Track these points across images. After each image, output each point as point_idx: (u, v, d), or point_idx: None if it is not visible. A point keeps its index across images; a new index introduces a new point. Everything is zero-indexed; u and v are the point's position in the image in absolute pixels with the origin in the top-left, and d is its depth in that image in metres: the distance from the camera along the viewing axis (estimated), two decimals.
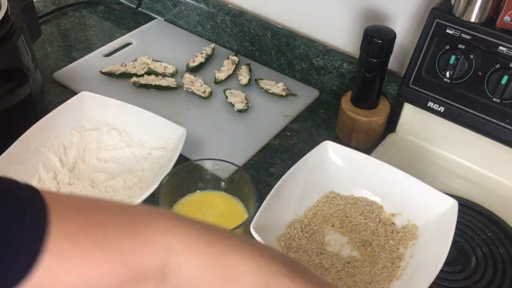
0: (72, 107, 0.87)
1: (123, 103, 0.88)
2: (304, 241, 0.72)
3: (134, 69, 1.03)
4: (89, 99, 0.88)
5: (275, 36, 1.04)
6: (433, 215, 0.71)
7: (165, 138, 0.85)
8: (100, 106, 0.88)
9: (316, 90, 1.03)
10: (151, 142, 0.86)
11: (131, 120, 0.87)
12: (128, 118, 0.87)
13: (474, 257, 0.73)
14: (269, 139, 0.93)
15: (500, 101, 0.75)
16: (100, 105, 0.88)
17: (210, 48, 1.10)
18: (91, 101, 0.88)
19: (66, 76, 1.03)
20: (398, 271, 0.69)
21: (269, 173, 0.87)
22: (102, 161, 0.85)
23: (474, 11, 0.73)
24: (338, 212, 0.76)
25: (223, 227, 0.46)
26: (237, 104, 0.97)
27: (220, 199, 0.79)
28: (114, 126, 0.87)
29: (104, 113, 0.88)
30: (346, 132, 0.91)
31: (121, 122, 0.88)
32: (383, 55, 0.83)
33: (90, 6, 1.27)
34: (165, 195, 0.75)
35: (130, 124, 0.87)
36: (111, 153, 0.86)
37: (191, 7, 1.15)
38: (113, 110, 0.88)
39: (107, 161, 0.85)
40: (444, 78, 0.78)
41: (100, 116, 0.88)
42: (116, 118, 0.88)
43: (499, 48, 0.72)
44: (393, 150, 0.89)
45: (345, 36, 0.98)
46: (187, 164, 0.79)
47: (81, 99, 0.88)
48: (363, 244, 0.73)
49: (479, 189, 0.83)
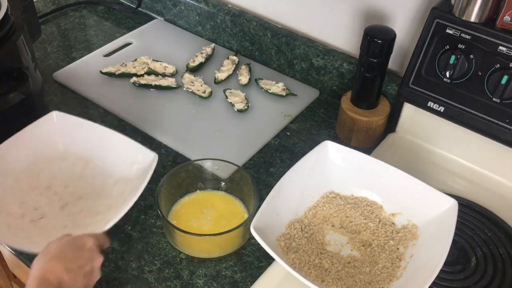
0: (42, 127, 0.81)
1: (93, 124, 0.82)
2: (304, 241, 0.72)
3: (134, 69, 1.03)
4: (59, 119, 0.82)
5: (275, 36, 1.04)
6: (433, 215, 0.71)
7: (135, 163, 0.79)
8: (69, 128, 0.82)
9: (316, 90, 1.03)
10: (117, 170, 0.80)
11: (99, 145, 0.82)
12: (97, 143, 0.82)
13: (474, 257, 0.73)
14: (269, 139, 0.93)
15: (500, 101, 0.75)
16: (70, 127, 0.82)
17: (210, 48, 1.10)
18: (61, 122, 0.82)
19: (66, 76, 1.03)
20: (398, 271, 0.69)
21: (269, 173, 0.87)
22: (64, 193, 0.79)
23: (474, 11, 0.73)
24: (338, 212, 0.76)
25: None
26: (237, 104, 0.97)
27: (220, 199, 0.80)
28: (80, 157, 0.82)
29: (73, 136, 0.82)
30: (346, 132, 0.91)
31: (89, 147, 0.82)
32: (383, 55, 0.83)
33: (90, 6, 1.27)
34: (165, 195, 0.75)
35: (97, 150, 0.82)
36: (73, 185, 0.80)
37: (191, 7, 1.15)
38: (82, 133, 0.82)
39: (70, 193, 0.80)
40: (444, 78, 0.78)
41: (68, 141, 0.82)
42: (84, 143, 0.82)
43: (499, 48, 0.72)
44: (393, 150, 0.89)
45: (345, 36, 0.98)
46: (187, 164, 0.79)
47: (51, 120, 0.82)
48: (363, 244, 0.73)
49: (479, 189, 0.83)
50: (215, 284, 0.71)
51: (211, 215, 0.77)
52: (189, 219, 0.76)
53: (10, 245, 0.70)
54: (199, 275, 0.72)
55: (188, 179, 0.79)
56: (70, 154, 0.83)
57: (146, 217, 0.79)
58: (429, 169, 0.86)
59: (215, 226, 0.74)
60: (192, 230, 0.71)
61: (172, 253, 0.74)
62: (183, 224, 0.74)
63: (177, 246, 0.74)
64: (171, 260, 0.73)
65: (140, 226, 0.77)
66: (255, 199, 0.73)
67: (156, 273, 0.71)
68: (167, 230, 0.74)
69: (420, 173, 0.79)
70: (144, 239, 0.76)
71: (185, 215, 0.76)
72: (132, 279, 0.71)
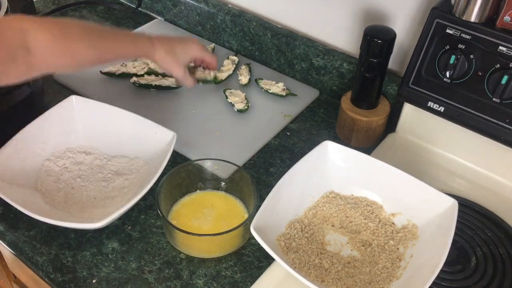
0: (61, 110, 0.85)
1: (112, 107, 0.86)
2: (304, 241, 0.72)
3: (134, 69, 1.03)
4: (78, 103, 0.86)
5: (275, 36, 1.04)
6: (433, 215, 0.71)
7: (154, 143, 0.83)
8: (90, 111, 0.86)
9: (316, 90, 1.03)
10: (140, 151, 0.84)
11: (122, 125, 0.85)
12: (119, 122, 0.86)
13: (474, 257, 0.73)
14: (269, 139, 0.93)
15: (500, 101, 0.75)
16: (90, 110, 0.86)
17: (210, 48, 1.10)
18: (81, 106, 0.86)
19: (66, 76, 1.03)
20: (398, 271, 0.69)
21: (269, 173, 0.87)
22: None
23: (474, 11, 0.73)
24: (338, 212, 0.76)
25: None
26: (237, 104, 0.97)
27: (220, 199, 0.80)
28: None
29: (93, 118, 0.86)
30: (346, 132, 0.91)
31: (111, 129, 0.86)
32: (383, 55, 0.83)
33: (90, 6, 1.27)
34: (165, 195, 0.75)
35: (120, 130, 0.85)
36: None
37: (191, 7, 1.15)
38: (104, 115, 0.86)
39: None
40: (444, 78, 0.78)
41: (89, 123, 0.86)
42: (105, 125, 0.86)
43: (499, 48, 0.72)
44: (393, 150, 0.89)
45: (345, 36, 0.98)
46: (187, 164, 0.79)
47: (70, 103, 0.86)
48: (363, 244, 0.73)
49: (479, 189, 0.83)
50: (215, 284, 0.71)
51: (211, 215, 0.77)
52: (189, 219, 0.76)
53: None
54: (199, 275, 0.72)
55: (188, 179, 0.79)
56: (90, 138, 0.87)
57: (146, 217, 0.79)
58: (429, 169, 0.86)
59: (215, 226, 0.74)
60: (192, 230, 0.71)
61: (172, 253, 0.74)
62: (183, 224, 0.74)
63: (177, 246, 0.74)
64: (171, 260, 0.73)
65: (140, 226, 0.77)
66: (255, 199, 0.73)
67: (156, 273, 0.71)
68: (167, 230, 0.74)
69: (420, 173, 0.79)
70: (144, 239, 0.76)
71: (185, 215, 0.76)
72: (132, 279, 0.71)
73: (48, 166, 0.82)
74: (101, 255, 0.73)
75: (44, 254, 0.73)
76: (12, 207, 0.72)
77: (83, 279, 0.70)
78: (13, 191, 0.74)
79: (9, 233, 0.76)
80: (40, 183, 0.79)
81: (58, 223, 0.70)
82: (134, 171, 0.82)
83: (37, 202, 0.76)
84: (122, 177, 0.81)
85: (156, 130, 0.83)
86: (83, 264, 0.72)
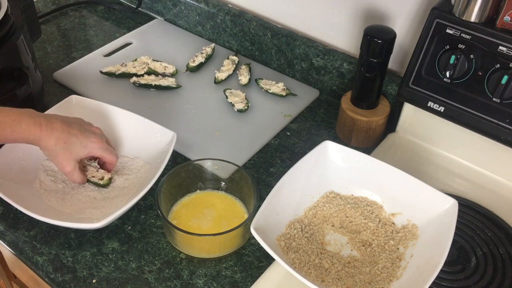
0: (61, 110, 0.84)
1: (112, 107, 0.86)
2: (304, 241, 0.72)
3: (134, 69, 1.03)
4: (78, 103, 0.87)
5: (275, 36, 1.04)
6: (433, 215, 0.71)
7: (154, 142, 0.83)
8: (90, 111, 0.86)
9: (316, 90, 1.03)
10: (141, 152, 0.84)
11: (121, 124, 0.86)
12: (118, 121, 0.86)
13: (474, 257, 0.73)
14: (269, 139, 0.93)
15: (500, 101, 0.75)
16: (90, 110, 0.86)
17: (210, 48, 1.10)
18: (81, 106, 0.86)
19: (66, 76, 1.03)
20: (398, 271, 0.69)
21: (269, 173, 0.87)
22: None
23: (474, 11, 0.73)
24: (338, 212, 0.76)
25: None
26: (237, 104, 0.97)
27: (220, 199, 0.80)
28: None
29: (93, 118, 0.85)
30: (346, 132, 0.91)
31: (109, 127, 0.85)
32: (383, 55, 0.83)
33: (90, 6, 1.27)
34: (165, 195, 0.75)
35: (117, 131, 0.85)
36: None
37: (191, 7, 1.15)
38: (103, 115, 0.86)
39: None
40: (444, 78, 0.78)
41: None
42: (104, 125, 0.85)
43: (499, 48, 0.72)
44: (393, 150, 0.89)
45: (345, 36, 0.98)
46: (187, 164, 0.79)
47: (70, 103, 0.86)
48: (363, 244, 0.73)
49: (479, 189, 0.83)
50: (215, 284, 0.71)
51: (211, 215, 0.77)
52: (189, 219, 0.76)
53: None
54: (199, 275, 0.72)
55: (188, 179, 0.79)
56: None
57: (146, 217, 0.79)
58: (429, 169, 0.86)
59: (215, 226, 0.75)
60: (192, 230, 0.71)
61: (172, 253, 0.74)
62: (183, 224, 0.74)
63: (177, 246, 0.74)
64: (171, 260, 0.73)
65: (140, 226, 0.77)
66: (255, 199, 0.73)
67: (156, 273, 0.71)
68: (167, 230, 0.74)
69: (420, 173, 0.79)
70: (144, 239, 0.76)
71: (185, 215, 0.76)
72: (132, 279, 0.71)
73: (48, 166, 0.82)
74: (101, 255, 0.73)
75: (44, 254, 0.73)
76: (12, 207, 0.72)
77: (83, 279, 0.70)
78: (13, 191, 0.74)
79: (9, 233, 0.76)
80: (40, 183, 0.79)
81: (58, 223, 0.70)
82: (134, 171, 0.82)
83: (37, 202, 0.76)
84: (122, 177, 0.81)
85: (156, 130, 0.83)
86: (83, 264, 0.72)
